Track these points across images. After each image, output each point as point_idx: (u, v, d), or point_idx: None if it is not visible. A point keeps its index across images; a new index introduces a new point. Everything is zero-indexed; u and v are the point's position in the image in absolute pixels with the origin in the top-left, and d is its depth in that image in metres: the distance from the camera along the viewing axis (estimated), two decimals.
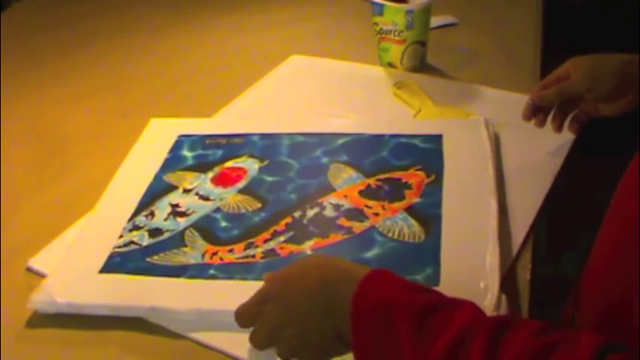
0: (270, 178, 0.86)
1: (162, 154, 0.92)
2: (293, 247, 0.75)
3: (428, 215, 0.77)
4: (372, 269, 0.57)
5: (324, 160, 0.88)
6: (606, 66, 0.83)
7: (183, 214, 0.81)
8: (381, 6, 1.04)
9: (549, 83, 0.86)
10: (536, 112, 0.87)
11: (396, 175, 0.84)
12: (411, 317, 0.52)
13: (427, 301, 0.54)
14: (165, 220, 0.80)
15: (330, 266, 0.60)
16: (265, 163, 0.88)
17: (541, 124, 0.88)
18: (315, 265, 0.61)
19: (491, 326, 0.50)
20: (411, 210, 0.78)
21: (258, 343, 0.60)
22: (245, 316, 0.61)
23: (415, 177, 0.83)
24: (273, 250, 0.75)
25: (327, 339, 0.57)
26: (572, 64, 0.85)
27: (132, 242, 0.77)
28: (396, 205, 0.79)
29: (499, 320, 0.52)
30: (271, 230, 0.77)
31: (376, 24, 1.07)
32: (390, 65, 1.10)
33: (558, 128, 0.88)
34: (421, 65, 1.09)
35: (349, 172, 0.85)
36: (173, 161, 0.90)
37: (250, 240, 0.76)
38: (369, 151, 0.88)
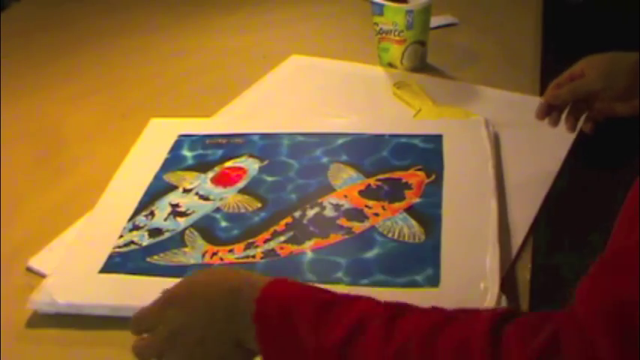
0: (270, 178, 0.86)
1: (162, 154, 0.92)
2: (293, 247, 0.75)
3: (428, 215, 0.77)
4: (275, 278, 0.58)
5: (324, 160, 0.88)
6: (622, 64, 0.82)
7: (183, 214, 0.81)
8: (381, 6, 1.04)
9: (563, 82, 0.84)
10: (550, 112, 0.85)
11: (396, 175, 0.84)
12: (310, 312, 0.53)
13: (325, 298, 0.55)
14: (165, 220, 0.80)
15: (235, 275, 0.61)
16: (265, 162, 0.88)
17: (554, 123, 0.85)
18: (220, 274, 0.62)
19: (386, 312, 0.52)
20: (411, 210, 0.78)
21: (151, 349, 0.59)
22: (145, 320, 0.60)
23: (415, 177, 0.83)
24: (273, 250, 0.75)
25: (226, 348, 0.57)
26: (587, 63, 0.84)
27: (132, 242, 0.77)
28: (396, 205, 0.79)
29: (395, 305, 0.53)
30: (271, 230, 0.77)
31: (376, 24, 1.07)
32: (390, 65, 1.10)
33: (572, 128, 0.85)
34: (421, 65, 1.09)
35: (349, 172, 0.85)
36: (173, 161, 0.90)
37: (250, 240, 0.76)
38: (369, 151, 0.88)
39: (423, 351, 0.48)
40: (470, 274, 0.69)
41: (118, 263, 0.75)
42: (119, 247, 0.77)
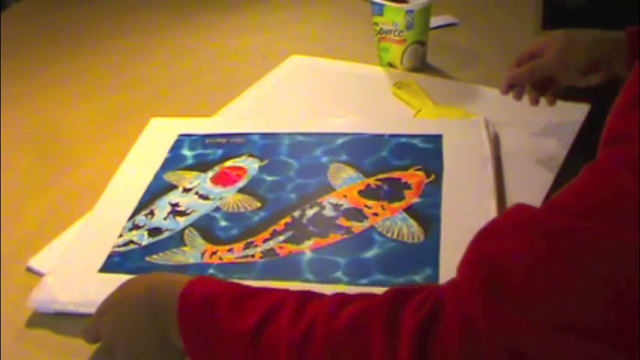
0: (269, 178, 0.86)
1: (162, 154, 0.92)
2: (292, 247, 0.75)
3: (427, 215, 0.77)
4: (200, 275, 0.61)
5: (324, 159, 0.88)
6: (577, 44, 0.85)
7: (182, 214, 0.81)
8: (381, 6, 1.04)
9: (524, 59, 0.88)
10: (513, 87, 0.89)
11: (396, 175, 0.84)
12: (228, 303, 0.55)
13: (244, 290, 0.57)
14: (165, 219, 0.81)
15: (157, 276, 0.64)
16: (265, 162, 0.88)
17: (518, 96, 0.89)
18: (143, 277, 0.64)
19: (297, 298, 0.54)
20: (410, 210, 0.78)
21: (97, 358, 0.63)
22: (88, 331, 0.63)
23: (415, 177, 0.83)
24: (272, 249, 0.75)
25: (156, 347, 0.59)
26: (546, 41, 0.87)
27: (131, 242, 0.77)
28: (396, 205, 0.79)
29: (306, 292, 0.55)
30: (270, 230, 0.77)
31: (376, 24, 1.07)
32: (390, 65, 1.10)
33: (535, 101, 0.88)
34: (421, 65, 1.09)
35: (349, 172, 0.85)
36: (173, 160, 0.91)
37: (250, 239, 0.76)
38: (368, 151, 0.88)
39: (326, 327, 0.51)
40: None
41: (118, 263, 0.75)
42: (119, 246, 0.77)
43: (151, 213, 0.82)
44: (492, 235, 0.49)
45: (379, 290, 0.67)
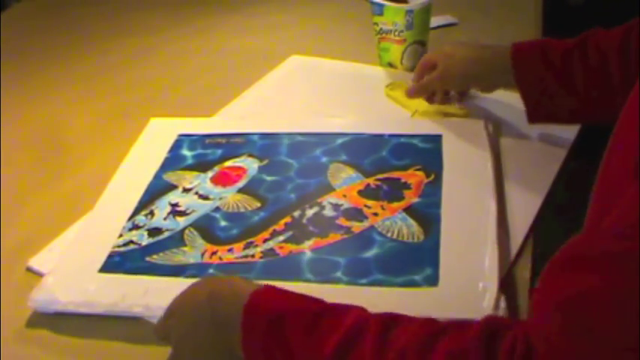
0: (269, 178, 0.86)
1: (162, 154, 0.92)
2: (292, 247, 0.75)
3: (427, 215, 0.77)
4: (265, 284, 0.59)
5: (324, 159, 0.88)
6: (455, 63, 0.90)
7: (182, 214, 0.81)
8: (381, 6, 1.04)
9: (421, 72, 0.95)
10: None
11: (395, 174, 0.84)
12: (301, 323, 0.53)
13: (316, 308, 0.55)
14: (165, 219, 0.81)
15: (219, 281, 0.63)
16: (265, 162, 0.88)
17: (428, 99, 0.96)
18: (206, 282, 0.63)
19: (379, 323, 0.52)
20: (410, 210, 0.78)
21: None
22: (157, 332, 0.63)
23: (414, 177, 0.83)
24: (272, 249, 0.75)
25: (220, 354, 0.58)
26: (437, 55, 0.93)
27: (131, 242, 0.77)
28: (395, 205, 0.79)
29: (388, 317, 0.53)
30: (270, 230, 0.77)
31: (376, 24, 1.07)
32: (390, 65, 1.10)
33: (442, 101, 0.95)
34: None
35: (348, 172, 0.85)
36: (173, 160, 0.91)
37: (249, 239, 0.76)
38: (368, 151, 0.88)
39: None
40: (468, 273, 0.69)
41: (118, 263, 0.75)
42: (118, 246, 0.77)
43: (151, 213, 0.82)
44: (566, 276, 0.47)
45: (378, 290, 0.68)
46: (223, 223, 0.79)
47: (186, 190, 0.85)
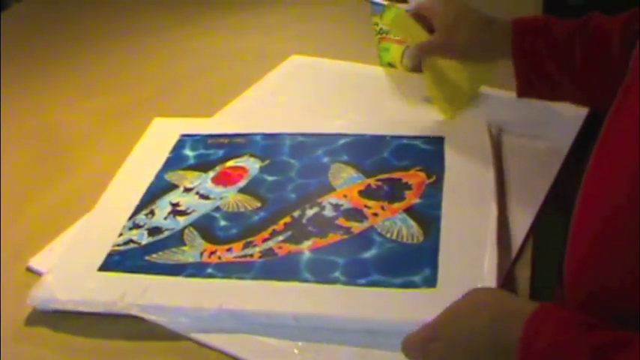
0: (270, 178, 0.86)
1: (164, 153, 0.92)
2: (291, 247, 0.75)
3: (427, 216, 0.77)
4: (539, 306, 0.53)
5: (325, 159, 0.88)
6: (465, 22, 0.88)
7: (183, 213, 0.81)
8: (381, 6, 1.04)
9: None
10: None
11: (397, 175, 0.84)
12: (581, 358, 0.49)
13: (598, 342, 0.50)
14: (165, 218, 0.81)
15: (500, 306, 0.57)
16: (266, 162, 0.88)
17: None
18: (485, 305, 0.57)
19: None
20: (410, 211, 0.78)
21: None
22: (411, 351, 0.59)
23: (415, 177, 0.83)
24: (271, 249, 0.75)
25: None
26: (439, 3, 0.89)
27: (131, 241, 0.77)
28: (396, 205, 0.79)
29: None
30: (270, 230, 0.77)
31: (376, 24, 1.07)
32: (390, 65, 1.10)
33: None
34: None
35: (349, 172, 0.85)
36: (175, 160, 0.91)
37: (249, 239, 0.76)
38: (370, 152, 0.88)
39: None
40: (467, 275, 0.68)
41: (117, 261, 0.75)
42: (118, 245, 0.77)
43: (152, 212, 0.82)
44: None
45: (377, 291, 0.68)
46: (223, 223, 0.79)
47: (187, 190, 0.85)
